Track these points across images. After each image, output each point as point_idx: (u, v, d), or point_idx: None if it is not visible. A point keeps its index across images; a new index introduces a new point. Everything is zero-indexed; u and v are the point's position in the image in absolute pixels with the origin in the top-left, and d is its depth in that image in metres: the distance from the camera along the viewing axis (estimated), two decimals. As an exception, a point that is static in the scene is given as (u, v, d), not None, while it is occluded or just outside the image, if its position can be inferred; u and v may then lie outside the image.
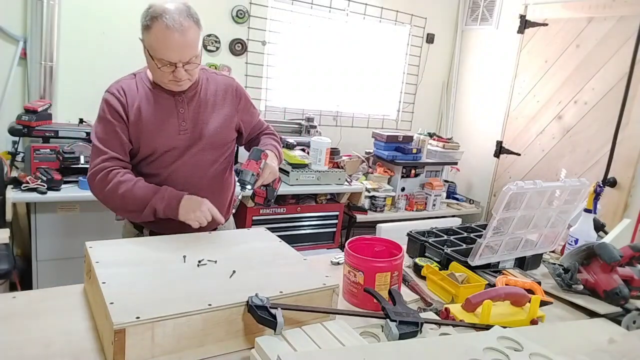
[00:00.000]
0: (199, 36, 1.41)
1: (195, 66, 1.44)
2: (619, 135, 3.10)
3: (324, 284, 1.13)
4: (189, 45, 1.38)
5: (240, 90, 1.66)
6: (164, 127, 1.50)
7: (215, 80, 1.61)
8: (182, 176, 1.55)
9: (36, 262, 2.43)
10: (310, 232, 3.19)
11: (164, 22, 1.33)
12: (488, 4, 4.01)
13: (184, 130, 1.52)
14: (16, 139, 2.59)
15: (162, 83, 1.47)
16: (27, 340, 0.98)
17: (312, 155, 3.08)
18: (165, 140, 1.50)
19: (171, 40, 1.34)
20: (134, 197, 1.42)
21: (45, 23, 2.63)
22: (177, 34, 1.34)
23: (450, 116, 4.38)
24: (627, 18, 3.06)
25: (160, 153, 1.51)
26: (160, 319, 0.92)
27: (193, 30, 1.38)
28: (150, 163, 1.53)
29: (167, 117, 1.50)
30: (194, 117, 1.54)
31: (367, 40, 3.94)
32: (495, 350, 0.98)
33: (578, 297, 1.46)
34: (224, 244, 1.35)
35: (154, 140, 1.49)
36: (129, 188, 1.42)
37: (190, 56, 1.39)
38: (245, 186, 1.48)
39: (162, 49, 1.36)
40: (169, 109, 1.51)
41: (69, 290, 1.22)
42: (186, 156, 1.54)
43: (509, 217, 1.48)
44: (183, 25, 1.34)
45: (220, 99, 1.60)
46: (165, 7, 1.35)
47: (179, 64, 1.38)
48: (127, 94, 1.48)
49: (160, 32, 1.34)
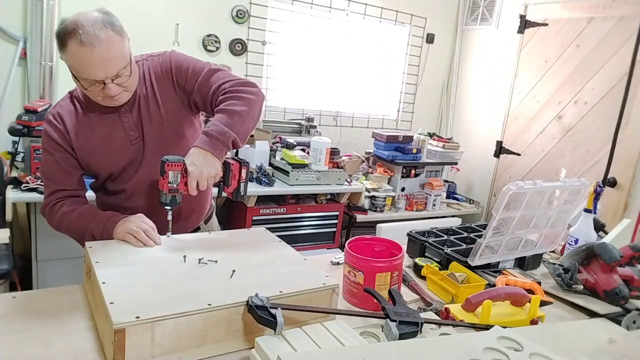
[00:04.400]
0: (123, 45, 1.26)
1: (127, 78, 1.28)
2: (619, 135, 3.10)
3: (324, 284, 1.13)
4: (112, 59, 1.22)
5: (174, 61, 1.42)
6: (113, 143, 1.38)
7: (148, 68, 1.41)
8: (148, 186, 1.43)
9: (36, 262, 2.43)
10: (310, 232, 3.19)
11: (78, 38, 1.17)
12: (488, 4, 4.01)
13: (134, 139, 1.40)
14: (16, 139, 2.59)
15: (97, 101, 1.32)
16: (27, 340, 0.98)
17: (312, 155, 3.08)
18: (119, 156, 1.39)
19: (90, 57, 1.19)
20: (77, 225, 1.37)
21: (45, 23, 2.63)
22: (95, 49, 1.18)
23: (450, 116, 4.38)
24: (627, 18, 3.06)
25: (120, 170, 1.41)
26: (160, 319, 0.92)
27: (114, 41, 1.22)
28: (114, 180, 1.44)
29: (113, 132, 1.38)
30: (141, 122, 1.39)
31: (367, 40, 3.94)
32: (495, 350, 0.98)
33: (578, 297, 1.45)
34: (224, 244, 1.34)
35: (106, 161, 1.40)
36: (71, 218, 1.37)
37: (118, 69, 1.24)
38: (166, 207, 1.30)
39: (83, 68, 1.21)
40: (113, 123, 1.38)
41: (69, 290, 1.22)
42: (146, 165, 1.41)
43: (509, 217, 1.48)
44: (100, 37, 1.19)
45: (159, 87, 1.41)
46: (78, 21, 1.19)
47: (107, 80, 1.24)
48: (65, 119, 1.36)
49: (76, 51, 1.19)
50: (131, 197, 1.46)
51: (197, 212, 1.60)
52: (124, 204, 1.46)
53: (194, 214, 1.58)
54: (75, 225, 1.37)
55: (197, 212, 1.59)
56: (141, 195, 1.45)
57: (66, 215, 1.38)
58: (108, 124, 1.38)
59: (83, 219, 1.36)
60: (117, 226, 1.30)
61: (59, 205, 1.39)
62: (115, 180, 1.45)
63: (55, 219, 1.40)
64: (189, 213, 1.55)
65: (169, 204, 1.29)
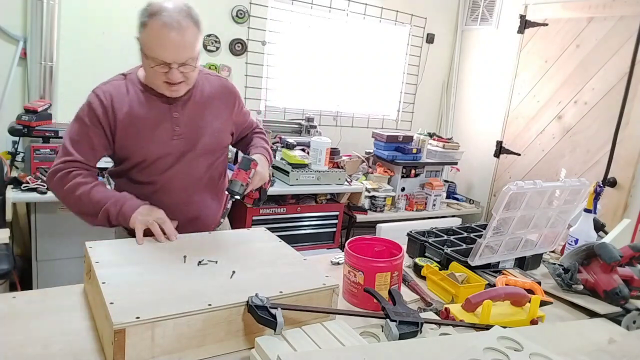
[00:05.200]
0: (197, 38, 1.35)
1: (192, 69, 1.36)
2: (619, 135, 3.10)
3: (324, 284, 1.13)
4: (186, 46, 1.31)
5: (235, 92, 1.60)
6: (157, 133, 1.43)
7: (210, 82, 1.54)
8: (177, 184, 1.49)
9: (36, 262, 2.43)
10: (310, 232, 3.19)
11: (161, 19, 1.27)
12: (488, 4, 4.01)
13: (177, 135, 1.45)
14: (16, 139, 2.59)
15: (155, 85, 1.39)
16: (27, 340, 0.98)
17: (312, 155, 3.08)
18: (158, 146, 1.44)
19: (167, 38, 1.28)
20: (90, 199, 1.35)
21: (45, 23, 2.63)
22: (174, 32, 1.28)
23: (450, 116, 4.38)
24: (627, 18, 3.06)
25: (153, 160, 1.45)
26: (160, 319, 0.92)
27: (191, 31, 1.32)
28: (142, 170, 1.46)
29: (160, 122, 1.43)
30: (189, 122, 1.47)
31: (367, 40, 3.94)
32: (495, 350, 0.98)
33: (578, 297, 1.45)
34: (224, 244, 1.34)
35: (145, 147, 1.43)
36: (86, 190, 1.36)
37: (187, 58, 1.33)
38: (234, 196, 1.45)
39: (157, 47, 1.30)
40: (162, 113, 1.43)
41: (69, 290, 1.22)
42: (181, 163, 1.48)
43: (509, 217, 1.48)
44: (181, 24, 1.29)
45: (217, 102, 1.53)
46: (164, 5, 1.30)
47: (173, 65, 1.32)
48: (115, 98, 1.40)
49: (156, 30, 1.28)
50: (159, 191, 1.48)
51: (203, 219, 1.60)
52: (152, 196, 1.47)
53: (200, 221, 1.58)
54: (88, 198, 1.36)
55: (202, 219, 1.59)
56: (169, 191, 1.49)
57: (81, 186, 1.36)
58: (158, 112, 1.44)
59: (99, 194, 1.36)
60: (137, 213, 1.33)
61: (74, 174, 1.38)
62: (143, 170, 1.47)
63: (66, 186, 1.37)
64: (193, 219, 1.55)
65: (239, 194, 1.45)
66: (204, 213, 1.58)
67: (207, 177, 1.56)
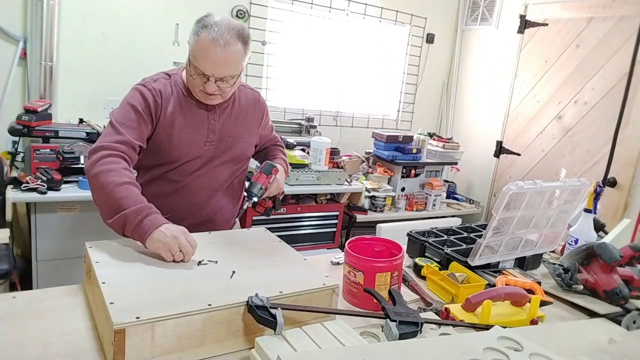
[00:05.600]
0: (243, 58, 1.41)
1: (229, 86, 1.42)
2: (619, 135, 3.10)
3: (324, 284, 1.13)
4: (227, 63, 1.37)
5: (264, 106, 1.68)
6: (194, 136, 1.49)
7: (245, 94, 1.61)
8: (199, 186, 1.54)
9: (36, 262, 2.43)
10: (310, 232, 3.19)
11: (211, 34, 1.33)
12: (488, 4, 4.01)
13: (210, 141, 1.52)
14: (16, 139, 2.59)
15: (193, 90, 1.45)
16: (27, 340, 0.98)
17: (312, 155, 3.08)
18: (192, 149, 1.49)
19: (211, 52, 1.34)
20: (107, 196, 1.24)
21: (45, 23, 2.63)
22: (219, 49, 1.33)
23: (450, 116, 4.38)
24: (627, 18, 3.06)
25: (184, 161, 1.50)
26: (160, 319, 0.92)
27: (237, 50, 1.37)
28: (172, 169, 1.51)
29: (198, 126, 1.49)
30: (223, 130, 1.53)
31: (367, 40, 3.94)
32: (495, 350, 0.98)
33: (578, 297, 1.45)
34: (224, 244, 1.35)
35: (180, 148, 1.48)
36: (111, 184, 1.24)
37: (226, 74, 1.38)
38: (252, 198, 1.51)
39: (200, 59, 1.36)
40: (201, 118, 1.50)
41: (69, 290, 1.22)
42: (207, 167, 1.54)
43: (509, 217, 1.48)
44: (228, 42, 1.34)
45: (250, 114, 1.61)
46: (218, 20, 1.36)
47: (211, 78, 1.38)
48: (163, 96, 1.45)
49: (203, 42, 1.34)
50: (180, 191, 1.51)
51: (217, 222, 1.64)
52: (172, 194, 1.50)
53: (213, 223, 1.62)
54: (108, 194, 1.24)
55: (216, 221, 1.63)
56: (190, 193, 1.52)
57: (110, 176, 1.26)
58: (197, 116, 1.49)
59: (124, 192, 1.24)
60: (156, 231, 1.19)
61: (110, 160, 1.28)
62: (173, 170, 1.51)
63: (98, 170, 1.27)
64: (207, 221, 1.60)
65: (257, 196, 1.52)
66: (219, 216, 1.63)
67: (228, 183, 1.63)
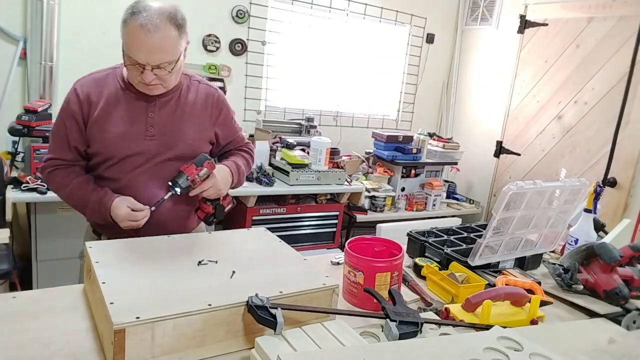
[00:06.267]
0: (177, 42, 1.33)
1: (167, 73, 1.34)
2: (619, 135, 3.10)
3: (324, 284, 1.13)
4: (160, 49, 1.29)
5: (221, 102, 1.56)
6: (130, 129, 1.41)
7: (196, 88, 1.52)
8: (143, 184, 1.45)
9: (36, 262, 2.43)
10: (310, 232, 3.19)
11: (139, 19, 1.26)
12: (488, 4, 4.01)
13: (150, 135, 1.43)
14: (16, 139, 2.59)
15: (133, 82, 1.39)
16: (27, 340, 0.98)
17: (312, 155, 3.08)
18: (130, 143, 1.41)
19: (142, 39, 1.27)
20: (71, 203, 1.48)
21: (45, 23, 2.63)
22: (149, 34, 1.26)
23: (450, 116, 4.38)
24: (627, 18, 3.06)
25: (123, 156, 1.42)
26: (160, 319, 0.92)
27: (169, 35, 1.30)
28: (110, 167, 1.44)
29: (134, 120, 1.42)
30: (165, 124, 1.45)
31: (367, 40, 3.94)
32: (495, 350, 0.98)
33: (578, 297, 1.45)
34: (224, 244, 1.34)
35: (115, 142, 1.41)
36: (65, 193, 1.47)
37: (161, 61, 1.31)
38: (174, 188, 1.39)
39: (132, 47, 1.29)
40: (139, 111, 1.42)
41: (69, 290, 1.22)
42: (150, 164, 1.45)
43: (509, 217, 1.48)
44: (158, 27, 1.27)
45: (199, 109, 1.51)
46: (148, 5, 1.29)
47: (147, 67, 1.30)
48: (93, 92, 1.40)
49: (133, 30, 1.28)
50: (124, 189, 1.44)
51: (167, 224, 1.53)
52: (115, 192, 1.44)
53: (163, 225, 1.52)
54: (70, 202, 1.48)
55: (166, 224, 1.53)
56: (133, 192, 1.44)
57: (60, 188, 1.47)
58: (134, 109, 1.42)
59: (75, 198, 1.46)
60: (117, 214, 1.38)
61: (54, 175, 1.46)
62: (111, 167, 1.45)
63: (53, 187, 1.50)
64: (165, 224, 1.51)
65: (182, 189, 1.40)
66: (170, 217, 1.51)
67: None
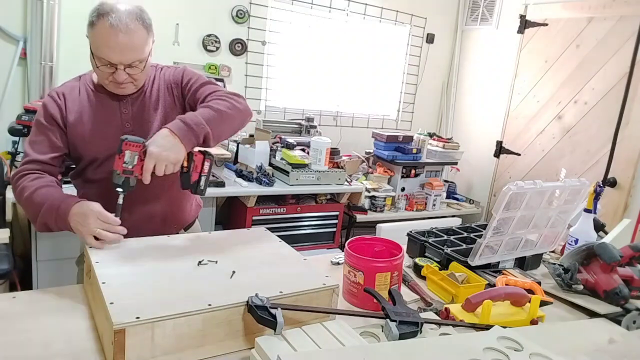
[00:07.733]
0: (146, 41, 1.35)
1: (139, 71, 1.37)
2: (619, 135, 3.10)
3: (324, 284, 1.13)
4: (132, 48, 1.32)
5: (180, 74, 1.52)
6: (106, 130, 1.42)
7: (163, 75, 1.52)
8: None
9: (36, 262, 2.43)
10: (310, 232, 3.19)
11: (109, 20, 1.28)
12: (488, 4, 4.01)
13: (129, 131, 1.42)
14: (16, 139, 2.59)
15: (104, 84, 1.40)
16: (27, 340, 0.98)
17: (312, 155, 3.08)
18: (108, 143, 1.38)
19: (113, 40, 1.29)
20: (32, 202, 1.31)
21: (45, 23, 2.63)
22: (121, 34, 1.28)
23: (450, 116, 4.38)
24: (627, 18, 3.06)
25: (105, 157, 1.41)
26: (160, 319, 0.92)
27: (140, 34, 1.32)
28: (96, 168, 1.45)
29: (109, 119, 1.43)
30: (138, 117, 1.46)
31: (367, 40, 3.94)
32: (495, 350, 0.98)
33: (578, 297, 1.45)
34: (224, 244, 1.34)
35: (95, 144, 1.42)
36: (29, 193, 1.31)
37: (133, 60, 1.33)
38: (117, 189, 1.26)
39: (103, 48, 1.30)
40: (112, 111, 1.44)
41: (69, 290, 1.22)
42: None
43: (509, 217, 1.48)
44: (129, 26, 1.29)
45: (166, 93, 1.50)
46: (114, 6, 1.30)
47: (119, 66, 1.33)
48: (68, 98, 1.42)
49: (103, 30, 1.29)
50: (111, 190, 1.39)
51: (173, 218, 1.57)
52: (105, 193, 1.38)
53: (169, 220, 1.56)
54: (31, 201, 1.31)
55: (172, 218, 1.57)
56: None
57: (24, 191, 1.33)
58: (108, 110, 1.44)
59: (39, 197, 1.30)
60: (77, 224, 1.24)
61: (24, 179, 1.35)
62: (97, 168, 1.45)
63: (16, 191, 1.36)
64: (163, 218, 1.53)
65: (121, 186, 1.25)
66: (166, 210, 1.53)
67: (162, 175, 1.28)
